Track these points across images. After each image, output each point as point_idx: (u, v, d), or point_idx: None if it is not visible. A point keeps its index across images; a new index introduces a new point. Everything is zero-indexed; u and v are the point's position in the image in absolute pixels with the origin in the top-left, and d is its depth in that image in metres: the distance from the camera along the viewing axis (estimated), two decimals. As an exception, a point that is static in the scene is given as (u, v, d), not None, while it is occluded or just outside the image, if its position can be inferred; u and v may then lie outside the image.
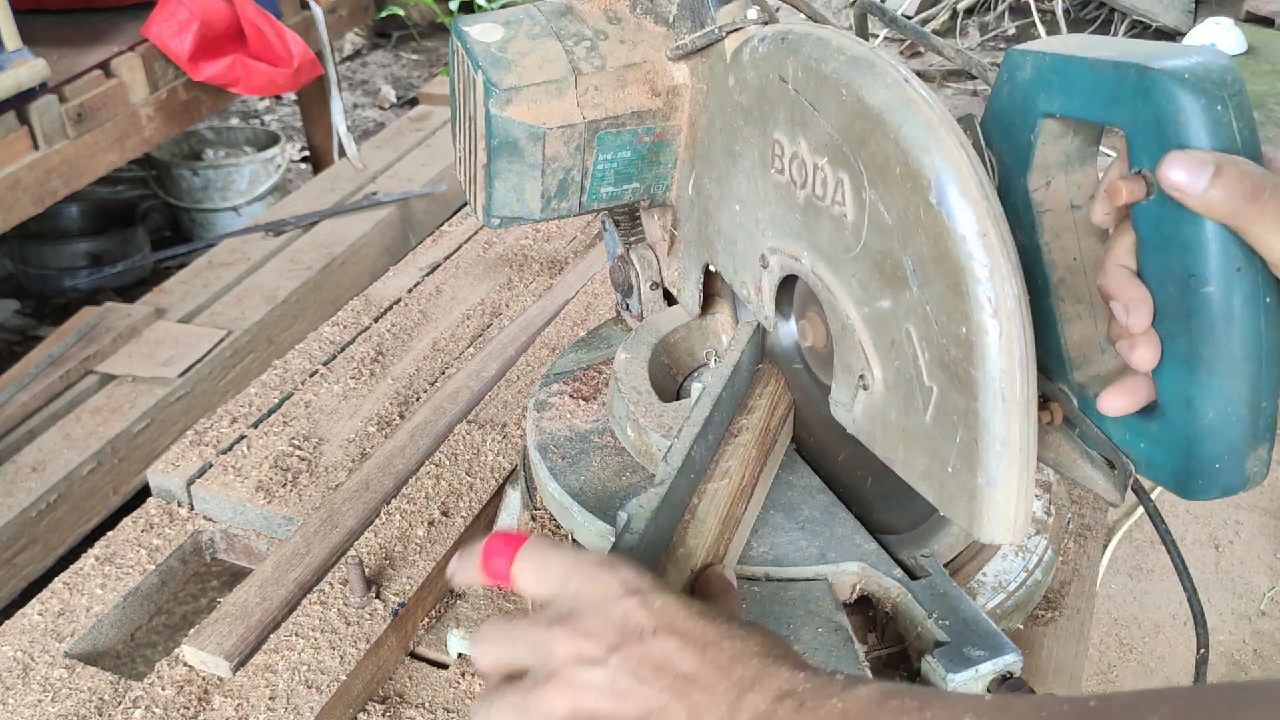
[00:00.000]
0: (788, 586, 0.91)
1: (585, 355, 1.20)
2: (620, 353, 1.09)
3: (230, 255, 2.76)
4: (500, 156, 0.96)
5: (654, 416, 1.02)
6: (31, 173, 2.49)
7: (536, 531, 1.04)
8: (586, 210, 1.04)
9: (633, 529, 0.82)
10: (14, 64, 2.41)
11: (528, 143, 0.96)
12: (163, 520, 1.21)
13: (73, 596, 1.12)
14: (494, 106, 0.94)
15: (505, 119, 0.94)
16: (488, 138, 0.95)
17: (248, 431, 1.31)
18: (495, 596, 1.04)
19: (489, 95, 0.94)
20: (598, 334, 1.24)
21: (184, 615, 1.16)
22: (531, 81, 0.94)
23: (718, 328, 1.13)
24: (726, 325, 1.13)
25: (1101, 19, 5.12)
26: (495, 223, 1.01)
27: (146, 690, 1.01)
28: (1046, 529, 1.00)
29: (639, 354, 1.08)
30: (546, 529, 1.06)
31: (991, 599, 0.95)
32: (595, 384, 1.15)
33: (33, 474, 2.17)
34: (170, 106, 2.89)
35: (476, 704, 0.70)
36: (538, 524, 1.07)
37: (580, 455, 1.05)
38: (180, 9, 2.81)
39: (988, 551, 0.98)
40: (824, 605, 0.89)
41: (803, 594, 0.90)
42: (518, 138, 0.95)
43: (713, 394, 0.94)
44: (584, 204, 1.02)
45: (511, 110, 0.94)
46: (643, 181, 1.03)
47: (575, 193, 1.01)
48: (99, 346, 2.44)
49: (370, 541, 1.12)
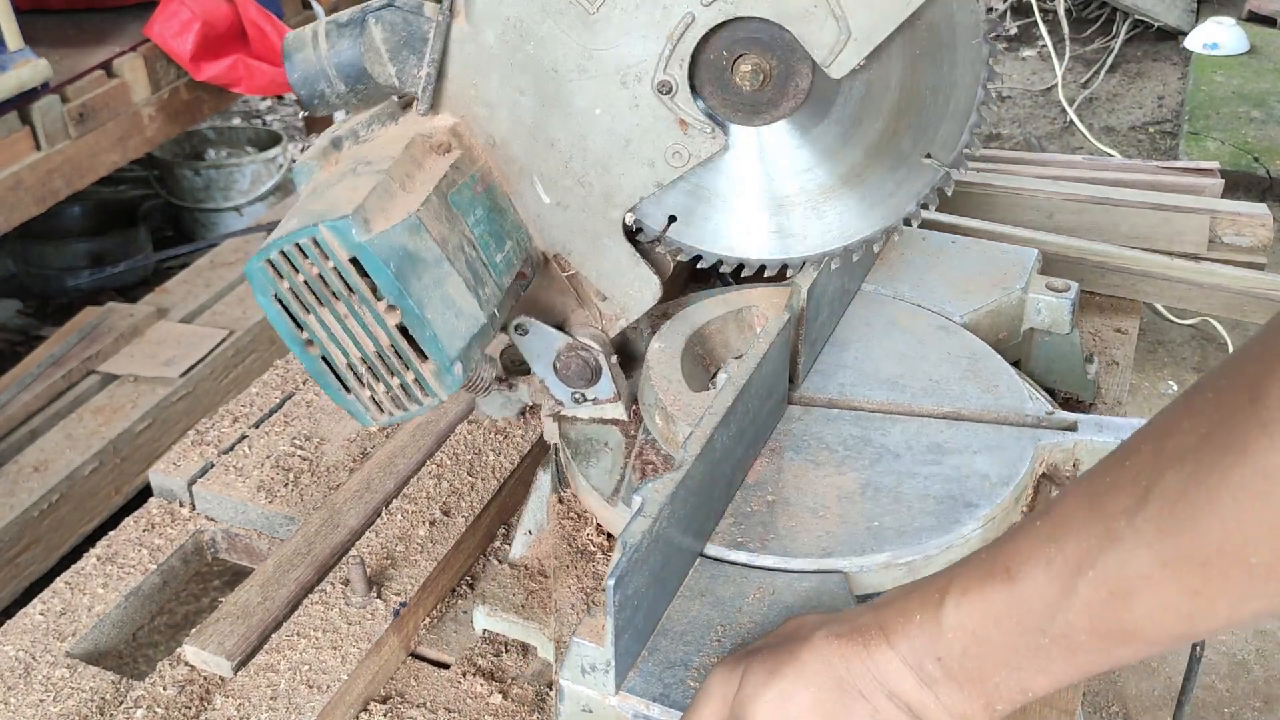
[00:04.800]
0: (802, 578, 0.91)
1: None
2: (655, 341, 1.10)
3: (232, 255, 2.76)
4: (409, 279, 0.89)
5: (682, 405, 1.03)
6: (33, 172, 2.49)
7: (562, 514, 1.08)
8: (504, 295, 0.99)
9: (646, 512, 0.82)
10: (16, 64, 2.41)
11: (415, 239, 0.89)
12: (164, 520, 1.21)
13: (74, 596, 1.12)
14: (359, 235, 0.87)
15: (383, 236, 0.88)
16: (381, 276, 0.88)
17: (249, 431, 1.31)
18: (520, 575, 1.04)
19: (349, 230, 0.87)
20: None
21: (185, 615, 1.16)
22: (362, 197, 0.88)
23: (753, 320, 1.14)
24: (761, 318, 1.13)
25: (1103, 18, 5.12)
26: (458, 370, 0.94)
27: (148, 690, 1.01)
28: None
29: (673, 343, 1.09)
30: (572, 513, 1.08)
31: None
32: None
33: (35, 474, 2.17)
34: (172, 106, 2.89)
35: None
36: (565, 506, 1.08)
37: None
38: (182, 9, 2.81)
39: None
40: (838, 597, 0.90)
41: (817, 586, 0.91)
42: (405, 244, 0.89)
43: (737, 384, 0.94)
44: (499, 285, 0.98)
45: (377, 225, 0.88)
46: (512, 237, 1.02)
47: (486, 274, 0.97)
48: (101, 346, 2.44)
49: (371, 541, 1.12)
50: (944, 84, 1.00)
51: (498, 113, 1.00)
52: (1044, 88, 4.75)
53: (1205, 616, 0.62)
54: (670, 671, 0.84)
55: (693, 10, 0.93)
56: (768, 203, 1.07)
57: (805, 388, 1.11)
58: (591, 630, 0.81)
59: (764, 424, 1.03)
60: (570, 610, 0.97)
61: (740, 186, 1.05)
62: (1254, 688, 2.30)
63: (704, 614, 0.89)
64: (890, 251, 1.30)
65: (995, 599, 0.68)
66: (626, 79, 0.96)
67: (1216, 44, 4.68)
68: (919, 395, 1.09)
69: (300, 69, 1.00)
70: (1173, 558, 0.61)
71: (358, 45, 0.99)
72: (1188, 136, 4.15)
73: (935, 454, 1.02)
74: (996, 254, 1.29)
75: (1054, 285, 1.23)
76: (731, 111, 1.00)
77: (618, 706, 0.83)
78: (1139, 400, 3.00)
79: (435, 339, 0.91)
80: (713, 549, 0.94)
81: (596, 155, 1.00)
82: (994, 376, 1.12)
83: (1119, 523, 0.63)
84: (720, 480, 0.95)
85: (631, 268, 1.05)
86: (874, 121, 1.01)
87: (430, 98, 0.99)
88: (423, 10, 0.98)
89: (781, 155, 1.05)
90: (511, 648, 1.04)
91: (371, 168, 0.93)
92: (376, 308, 0.90)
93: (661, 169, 1.00)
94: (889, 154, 1.02)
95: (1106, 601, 0.64)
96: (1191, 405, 0.63)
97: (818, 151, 1.03)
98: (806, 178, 1.05)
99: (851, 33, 0.94)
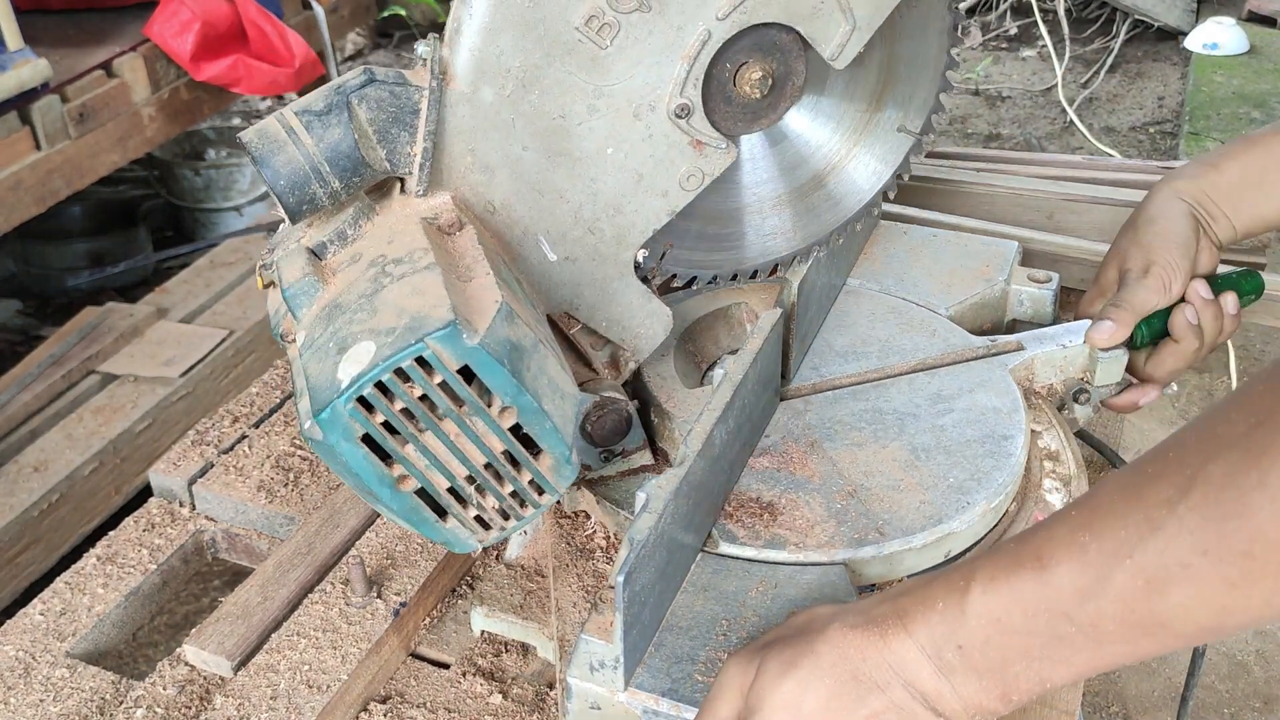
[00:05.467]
0: (804, 570, 0.92)
1: None
2: None
3: (232, 255, 2.76)
4: (521, 373, 0.81)
5: (677, 402, 1.04)
6: (33, 172, 2.50)
7: (558, 513, 1.06)
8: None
9: (651, 508, 0.82)
10: (16, 64, 2.41)
11: (513, 328, 0.82)
12: (164, 520, 1.21)
13: (74, 596, 1.12)
14: (470, 340, 0.78)
15: (490, 334, 0.79)
16: (497, 376, 0.80)
17: (249, 431, 1.31)
18: (517, 576, 1.04)
19: (458, 338, 0.78)
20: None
21: (185, 615, 1.16)
22: (447, 298, 0.80)
23: (743, 317, 1.15)
24: (750, 315, 1.14)
25: (1103, 18, 5.12)
26: (575, 459, 0.86)
27: (148, 690, 1.01)
28: None
29: (665, 341, 1.09)
30: (567, 512, 1.08)
31: None
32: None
33: (35, 474, 2.17)
34: (172, 106, 2.89)
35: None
36: (559, 506, 1.08)
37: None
38: (182, 9, 2.81)
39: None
40: (841, 590, 0.90)
41: (820, 578, 0.91)
42: (508, 336, 0.81)
43: (734, 379, 0.95)
44: (559, 354, 0.92)
45: (480, 324, 0.79)
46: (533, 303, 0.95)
47: (552, 345, 0.91)
48: (101, 346, 2.44)
49: (372, 541, 1.12)
50: (918, 54, 1.05)
51: (497, 176, 0.92)
52: (1044, 88, 4.75)
53: (1238, 610, 0.62)
54: (677, 666, 0.84)
55: (708, 27, 0.91)
56: (772, 203, 1.08)
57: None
58: (599, 627, 0.81)
59: (759, 419, 1.04)
60: (572, 609, 0.97)
61: (747, 193, 1.07)
62: (1254, 688, 2.30)
63: (709, 609, 0.89)
64: (873, 246, 1.32)
65: (1024, 587, 0.68)
66: (640, 110, 0.92)
67: (1216, 44, 4.68)
68: (882, 357, 1.14)
69: (285, 173, 0.86)
70: (1214, 546, 0.61)
71: (349, 131, 0.87)
72: (1188, 137, 4.15)
73: (942, 403, 1.07)
74: (978, 246, 1.32)
75: (1035, 276, 1.26)
76: (733, 122, 0.99)
77: (626, 702, 0.83)
78: (1139, 400, 3.00)
79: (555, 430, 0.84)
80: (843, 554, 0.93)
81: (608, 197, 0.95)
82: (925, 324, 1.18)
83: (1160, 511, 0.63)
84: (719, 476, 0.95)
85: (643, 305, 1.02)
86: (859, 101, 1.06)
87: (429, 175, 0.90)
88: (406, 80, 0.89)
89: (781, 154, 1.07)
90: (511, 648, 1.04)
91: (412, 266, 0.83)
92: (489, 414, 0.81)
93: (675, 196, 0.97)
94: (872, 128, 1.08)
95: (1141, 591, 0.64)
96: (1242, 398, 0.64)
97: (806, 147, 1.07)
98: (798, 173, 1.07)
99: (856, 23, 0.94)
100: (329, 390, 0.78)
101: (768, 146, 1.06)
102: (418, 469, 0.82)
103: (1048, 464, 1.06)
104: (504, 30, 0.87)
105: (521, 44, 0.88)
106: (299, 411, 0.80)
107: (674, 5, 0.89)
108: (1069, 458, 1.07)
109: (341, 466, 0.81)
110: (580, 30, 0.88)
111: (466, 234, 0.89)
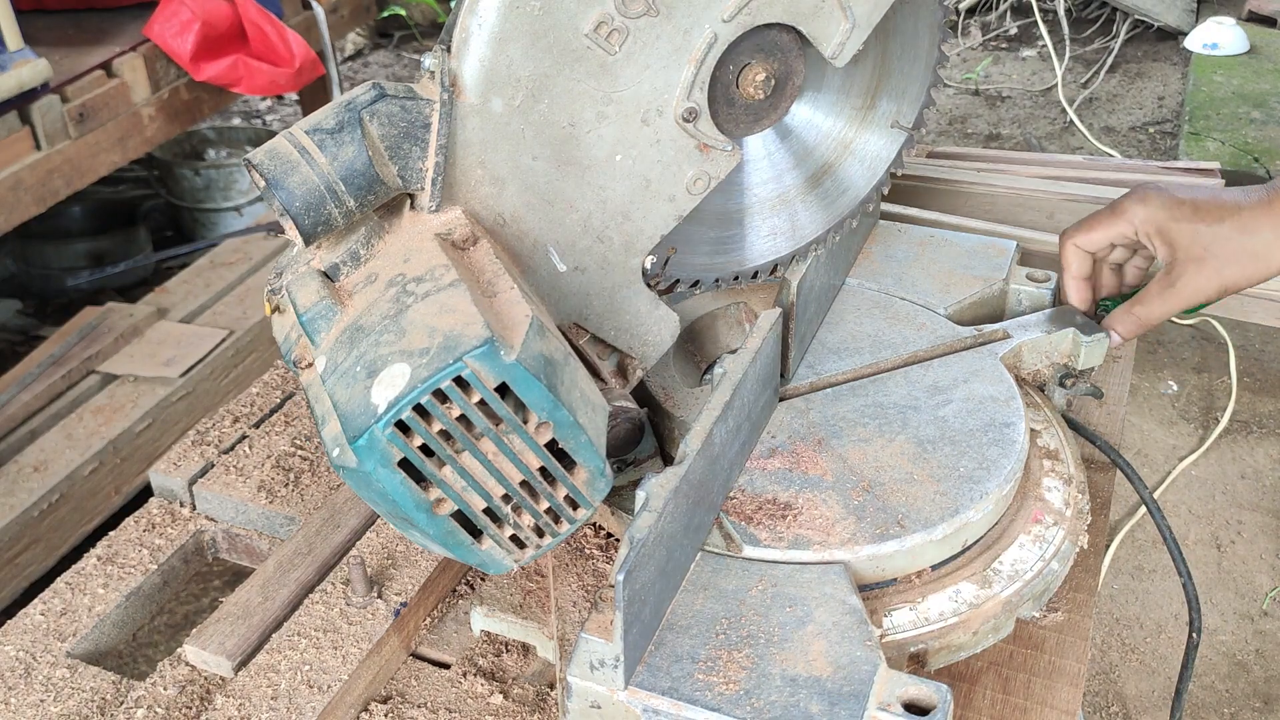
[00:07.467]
0: (804, 569, 0.92)
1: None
2: None
3: (232, 255, 2.77)
4: (556, 387, 0.80)
5: (676, 401, 1.06)
6: (33, 172, 2.50)
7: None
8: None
9: (651, 507, 0.82)
10: (16, 64, 2.41)
11: (545, 342, 0.81)
12: (165, 520, 1.21)
13: (75, 596, 1.12)
14: (507, 356, 0.77)
15: (526, 349, 0.78)
16: (534, 392, 0.79)
17: (250, 431, 1.31)
18: (519, 576, 1.04)
19: (496, 355, 0.76)
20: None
21: (186, 615, 1.16)
22: (479, 316, 0.79)
23: (742, 316, 1.15)
24: (749, 314, 1.14)
25: (1103, 18, 5.12)
26: (609, 471, 0.85)
27: (149, 690, 1.01)
28: (1064, 520, 1.01)
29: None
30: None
31: (1007, 587, 0.96)
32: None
33: (35, 474, 2.17)
34: (172, 106, 2.89)
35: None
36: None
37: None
38: (182, 9, 2.81)
39: (1004, 540, 0.99)
40: (840, 587, 0.90)
41: (819, 576, 0.91)
42: (542, 350, 0.80)
43: (734, 379, 0.95)
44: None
45: (514, 339, 0.78)
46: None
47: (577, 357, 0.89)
48: (101, 346, 2.44)
49: (372, 541, 1.12)
50: (909, 50, 1.07)
51: (508, 188, 0.91)
52: (1044, 88, 4.75)
53: None
54: (678, 665, 0.84)
55: (714, 29, 0.91)
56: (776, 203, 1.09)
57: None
58: (599, 626, 0.81)
59: (759, 418, 1.04)
60: (572, 608, 0.97)
61: (751, 195, 1.07)
62: (1254, 688, 2.30)
63: (708, 607, 0.89)
64: (872, 246, 1.32)
65: None
66: (648, 116, 0.92)
67: (1216, 44, 4.68)
68: (874, 352, 1.15)
69: (300, 194, 0.83)
70: None
71: (363, 148, 0.85)
72: (1188, 137, 4.15)
73: (940, 394, 1.08)
74: (976, 246, 1.32)
75: (1034, 276, 1.26)
76: (737, 124, 1.00)
77: (627, 701, 0.83)
78: (1139, 400, 3.01)
79: (590, 443, 0.82)
80: (867, 549, 0.93)
81: (617, 204, 0.95)
82: (911, 317, 1.19)
83: None
84: (719, 475, 0.95)
85: (651, 312, 1.01)
86: (856, 96, 1.07)
87: (441, 189, 0.88)
88: (416, 94, 0.88)
89: (780, 153, 1.07)
90: (512, 648, 1.05)
91: (435, 283, 0.82)
92: (526, 430, 0.80)
93: (682, 200, 0.97)
94: (870, 122, 1.10)
95: None
96: None
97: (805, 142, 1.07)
98: (797, 172, 1.08)
99: (855, 21, 0.95)
100: (364, 415, 0.75)
101: (768, 146, 1.06)
102: (455, 491, 0.80)
103: (1047, 463, 1.07)
104: (514, 39, 0.86)
105: (531, 53, 0.87)
106: (324, 439, 0.78)
107: (681, 9, 0.89)
108: (1068, 456, 1.07)
109: (376, 493, 0.78)
110: (589, 37, 0.88)
111: (481, 248, 0.88)
